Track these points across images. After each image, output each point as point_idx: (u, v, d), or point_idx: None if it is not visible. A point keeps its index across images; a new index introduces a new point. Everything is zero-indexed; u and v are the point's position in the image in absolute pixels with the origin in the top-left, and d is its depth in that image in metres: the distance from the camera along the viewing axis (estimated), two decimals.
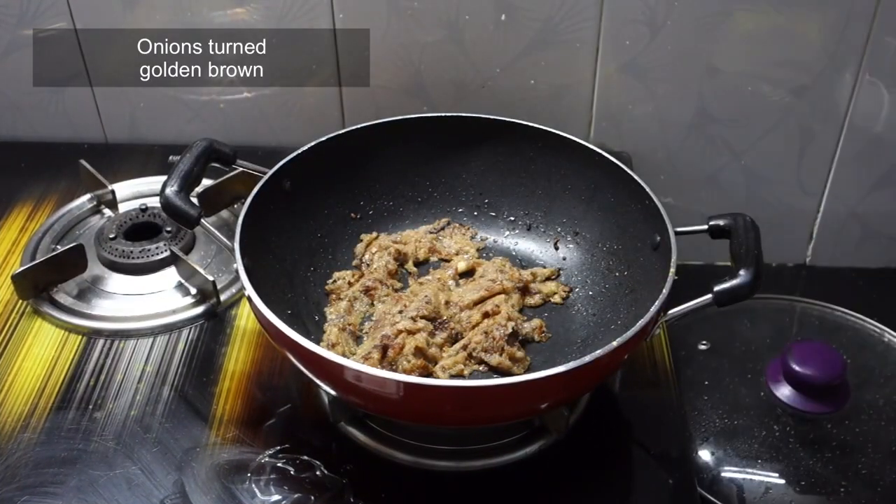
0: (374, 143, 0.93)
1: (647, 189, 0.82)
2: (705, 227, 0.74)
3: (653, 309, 0.69)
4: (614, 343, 0.67)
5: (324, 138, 0.90)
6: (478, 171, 0.97)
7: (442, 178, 0.97)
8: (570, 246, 0.94)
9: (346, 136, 0.91)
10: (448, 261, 0.93)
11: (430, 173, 0.97)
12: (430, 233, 0.96)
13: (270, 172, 0.85)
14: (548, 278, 0.91)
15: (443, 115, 0.94)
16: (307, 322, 0.85)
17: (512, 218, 0.97)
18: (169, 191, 0.80)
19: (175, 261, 0.95)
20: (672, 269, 0.73)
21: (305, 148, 0.88)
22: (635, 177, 0.84)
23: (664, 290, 0.71)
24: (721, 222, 0.74)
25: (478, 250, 0.95)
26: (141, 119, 1.15)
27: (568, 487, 0.77)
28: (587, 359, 0.66)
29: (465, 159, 0.96)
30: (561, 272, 0.92)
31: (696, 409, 0.94)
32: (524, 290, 0.89)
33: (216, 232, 0.82)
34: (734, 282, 0.68)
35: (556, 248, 0.94)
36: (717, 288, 0.69)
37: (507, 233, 0.97)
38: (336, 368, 0.67)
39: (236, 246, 0.77)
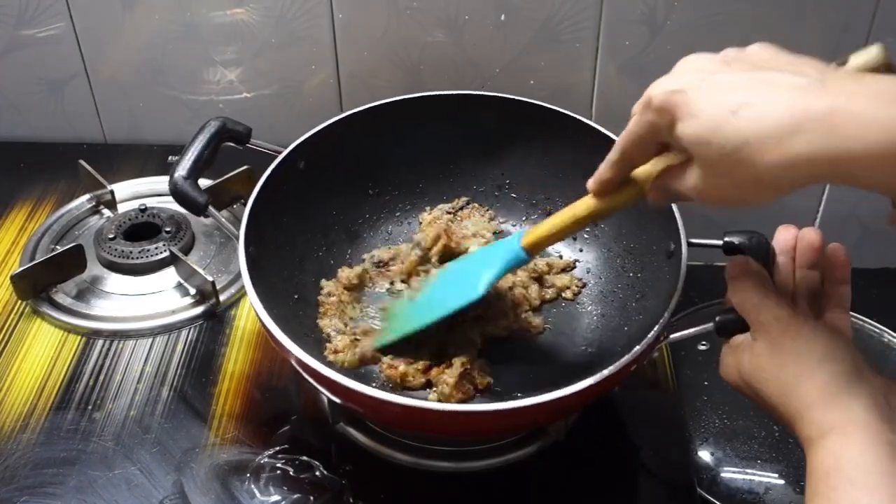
0: (397, 119, 0.91)
1: None
2: (719, 242, 0.74)
3: (651, 334, 0.68)
4: (605, 372, 0.66)
5: (344, 114, 0.88)
6: (501, 150, 0.94)
7: (463, 155, 0.95)
8: (588, 237, 0.93)
9: (368, 113, 0.89)
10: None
11: (452, 150, 0.94)
12: (448, 212, 0.95)
13: (286, 151, 0.84)
14: (563, 269, 0.91)
15: (468, 92, 0.92)
16: (312, 302, 0.85)
17: (533, 201, 0.95)
18: (178, 176, 0.79)
19: (174, 261, 0.95)
20: (678, 290, 0.72)
21: (323, 126, 0.87)
22: None
23: (666, 314, 0.70)
24: (736, 240, 0.73)
25: (494, 234, 0.93)
26: (140, 119, 1.15)
27: (567, 488, 0.77)
28: (588, 382, 0.65)
29: (488, 138, 0.94)
30: (576, 264, 0.92)
31: (696, 409, 0.93)
32: (539, 281, 0.89)
33: (223, 220, 0.80)
34: (735, 316, 0.66)
35: (574, 238, 0.93)
36: (719, 318, 0.67)
37: (526, 217, 0.95)
38: (331, 383, 0.67)
39: (241, 234, 0.76)
